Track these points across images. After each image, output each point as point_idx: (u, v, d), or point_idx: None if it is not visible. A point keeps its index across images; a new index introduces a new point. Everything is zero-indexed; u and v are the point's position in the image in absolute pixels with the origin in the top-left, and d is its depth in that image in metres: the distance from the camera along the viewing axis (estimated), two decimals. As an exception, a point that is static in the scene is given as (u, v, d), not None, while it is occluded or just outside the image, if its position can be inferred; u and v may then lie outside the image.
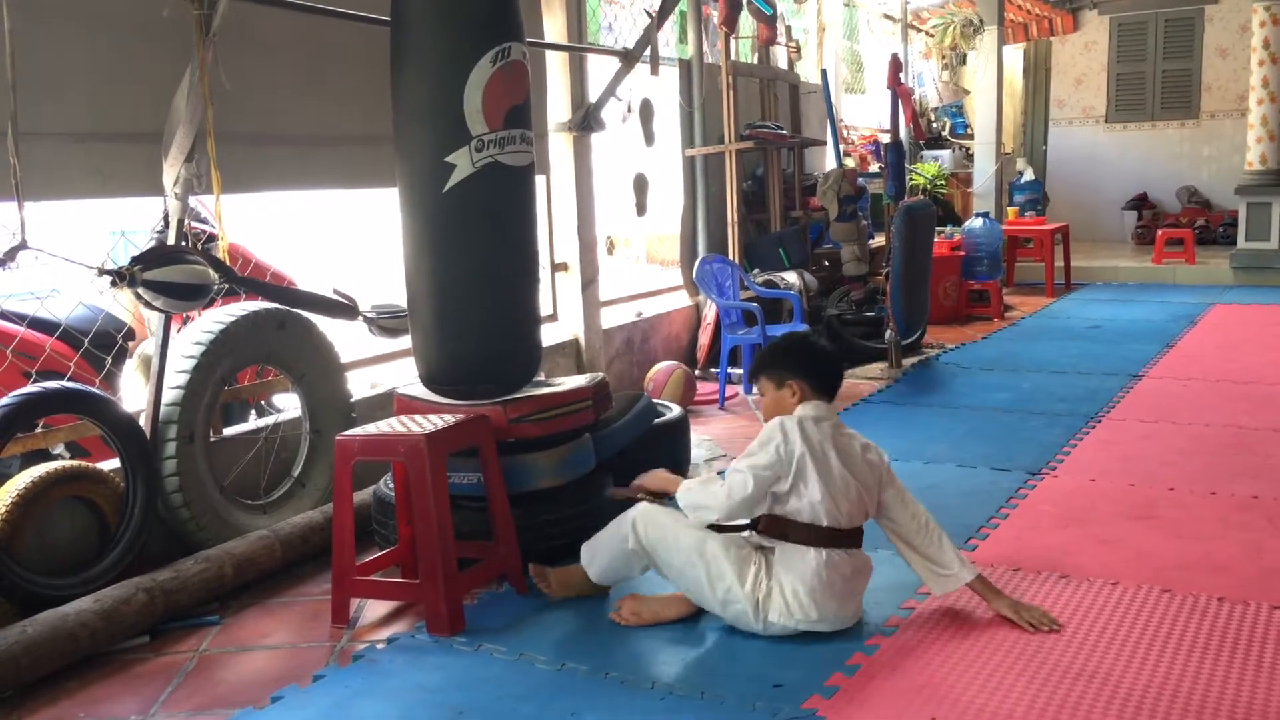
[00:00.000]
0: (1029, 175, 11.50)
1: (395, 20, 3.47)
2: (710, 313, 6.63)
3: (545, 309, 5.04)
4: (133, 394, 3.89)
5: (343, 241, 7.49)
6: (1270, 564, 3.35)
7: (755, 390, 3.12)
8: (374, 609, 3.32)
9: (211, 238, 3.93)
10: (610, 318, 6.20)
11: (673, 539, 3.01)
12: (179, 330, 3.71)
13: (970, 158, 11.21)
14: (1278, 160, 9.80)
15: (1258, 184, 9.74)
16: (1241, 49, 11.36)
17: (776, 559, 2.93)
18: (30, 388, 3.24)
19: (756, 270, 6.92)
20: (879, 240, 8.04)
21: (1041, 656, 2.78)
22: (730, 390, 6.06)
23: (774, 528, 2.95)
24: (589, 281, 5.84)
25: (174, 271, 3.30)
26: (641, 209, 6.77)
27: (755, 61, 7.81)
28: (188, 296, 3.35)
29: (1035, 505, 4.02)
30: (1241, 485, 4.12)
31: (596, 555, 3.20)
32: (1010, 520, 3.87)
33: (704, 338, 6.70)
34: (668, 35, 7.24)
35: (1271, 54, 9.55)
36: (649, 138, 6.68)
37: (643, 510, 3.10)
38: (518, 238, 3.62)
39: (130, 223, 4.74)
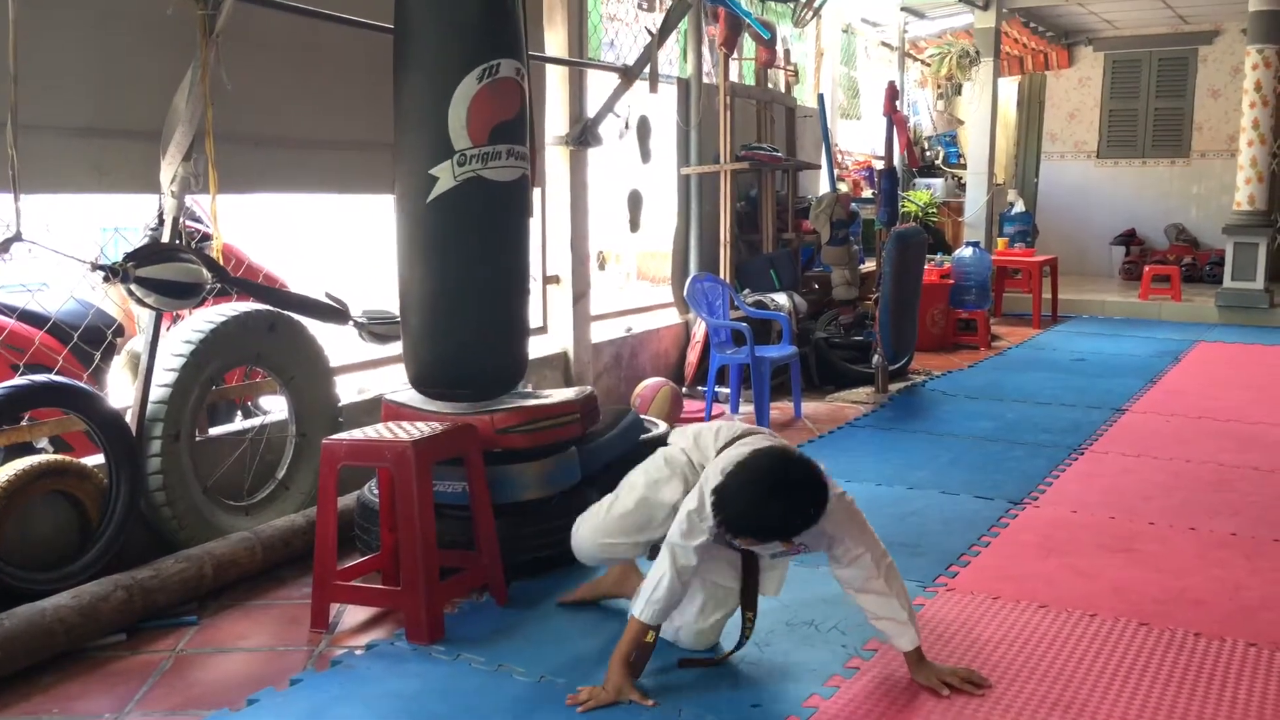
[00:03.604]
0: (1020, 207, 11.58)
1: (398, 30, 3.50)
2: (700, 331, 6.65)
3: (535, 321, 5.05)
4: (120, 390, 3.88)
5: (336, 246, 7.50)
6: (1246, 601, 3.38)
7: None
8: (353, 615, 3.32)
9: (205, 237, 3.93)
10: (600, 332, 6.20)
11: None
12: (169, 328, 3.71)
13: (962, 187, 11.27)
14: (1266, 201, 9.91)
15: (1245, 224, 9.84)
16: (1233, 90, 11.48)
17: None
18: (17, 380, 3.23)
19: (747, 290, 6.95)
20: (869, 265, 8.07)
21: (1017, 687, 2.80)
22: (717, 409, 6.07)
23: None
24: (580, 295, 5.85)
25: (167, 269, 3.30)
26: (635, 225, 6.78)
27: (757, 83, 7.86)
28: (180, 295, 3.35)
29: (1016, 534, 4.04)
30: (1220, 522, 4.15)
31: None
32: (991, 548, 3.88)
33: (693, 355, 6.71)
34: (671, 54, 7.27)
35: (1263, 96, 9.65)
36: (645, 155, 6.70)
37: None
38: (501, 250, 3.60)
39: (122, 219, 4.74)
